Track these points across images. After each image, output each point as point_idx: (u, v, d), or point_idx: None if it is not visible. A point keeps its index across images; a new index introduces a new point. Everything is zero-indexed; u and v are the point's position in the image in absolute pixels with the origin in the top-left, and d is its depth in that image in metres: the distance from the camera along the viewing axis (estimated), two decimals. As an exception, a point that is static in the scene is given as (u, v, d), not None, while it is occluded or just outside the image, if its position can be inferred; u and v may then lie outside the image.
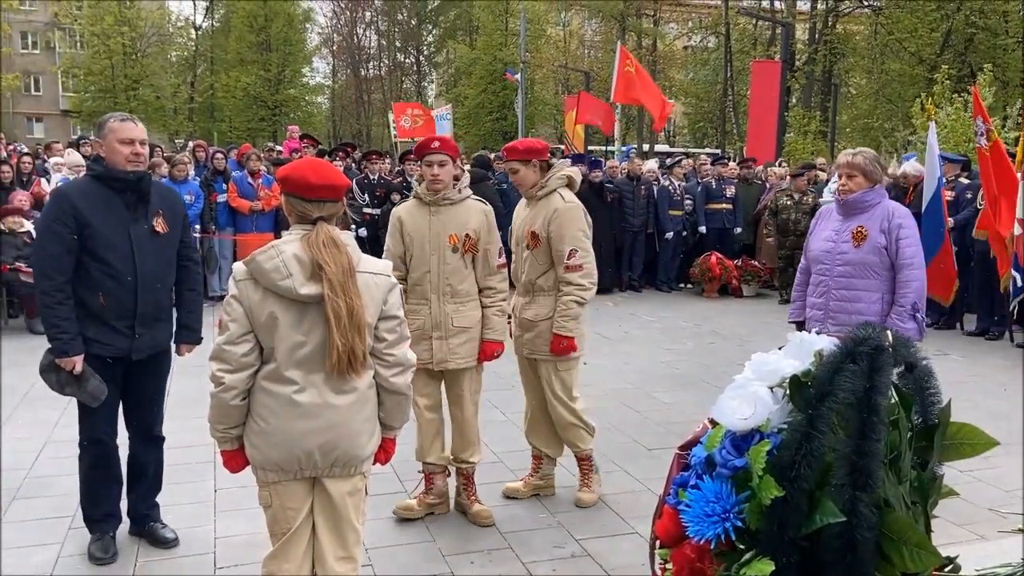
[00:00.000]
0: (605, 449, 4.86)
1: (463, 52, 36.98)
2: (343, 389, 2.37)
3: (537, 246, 3.97)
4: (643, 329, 8.53)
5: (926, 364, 1.69)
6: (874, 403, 1.41)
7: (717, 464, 1.49)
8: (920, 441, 1.71)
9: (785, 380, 1.52)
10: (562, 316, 3.88)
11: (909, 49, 27.29)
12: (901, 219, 3.81)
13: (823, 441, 1.41)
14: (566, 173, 4.02)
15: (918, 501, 1.66)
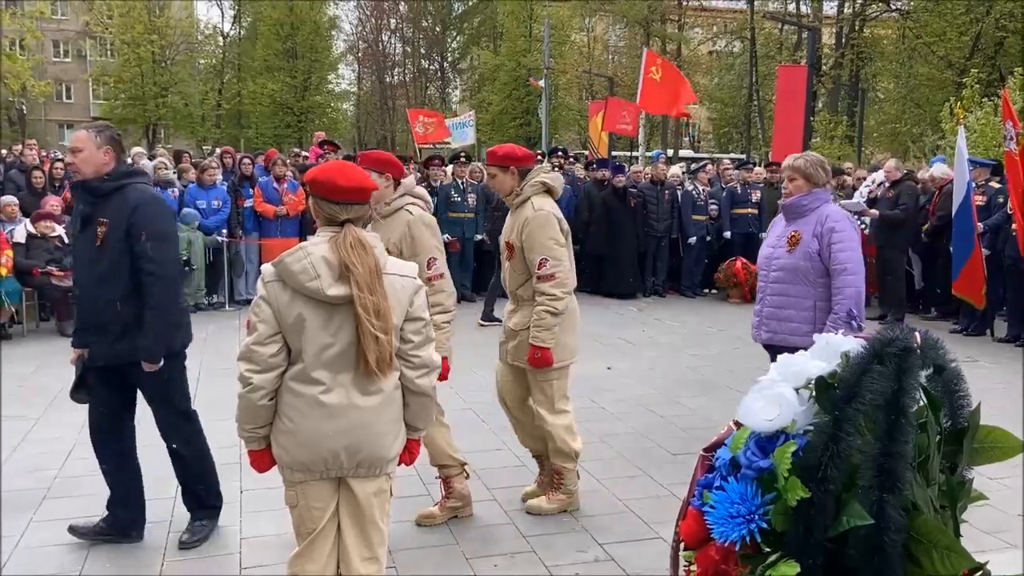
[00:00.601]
0: (629, 454, 4.86)
1: (487, 58, 37.11)
2: (369, 390, 2.39)
3: (513, 256, 3.92)
4: (668, 334, 8.50)
5: (955, 366, 1.67)
6: (902, 405, 1.40)
7: (742, 465, 1.48)
8: (949, 445, 1.69)
9: (811, 381, 1.51)
10: (535, 327, 3.79)
11: (938, 53, 26.95)
12: (834, 223, 3.70)
13: (850, 443, 1.40)
14: (541, 180, 3.90)
15: (947, 505, 1.64)
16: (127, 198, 3.36)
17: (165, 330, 3.43)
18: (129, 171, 3.50)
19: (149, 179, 3.70)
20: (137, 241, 3.33)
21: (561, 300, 3.80)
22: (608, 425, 5.41)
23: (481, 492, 4.21)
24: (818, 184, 3.79)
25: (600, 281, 10.81)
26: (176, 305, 3.53)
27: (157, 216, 3.42)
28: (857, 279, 3.70)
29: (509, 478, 4.41)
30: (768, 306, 3.91)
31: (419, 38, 46.33)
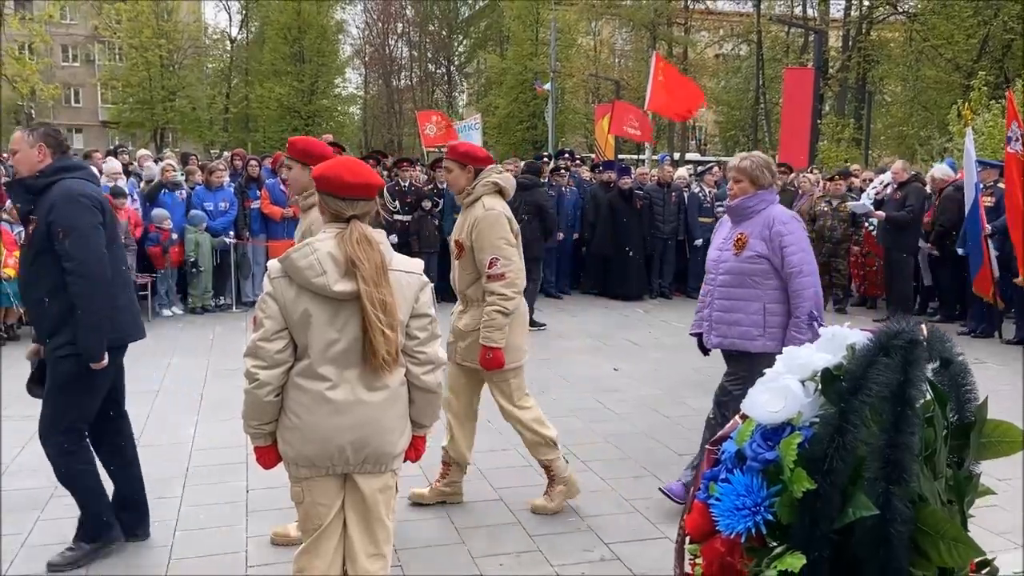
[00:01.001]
0: (635, 454, 4.85)
1: (493, 62, 37.15)
2: (375, 386, 2.39)
3: (462, 255, 3.86)
4: (673, 336, 8.48)
5: (962, 360, 1.67)
6: (908, 396, 1.40)
7: (747, 458, 1.48)
8: (956, 439, 1.68)
9: (817, 373, 1.51)
10: (486, 327, 3.74)
11: (945, 56, 26.88)
12: (782, 225, 3.63)
13: (856, 435, 1.39)
14: (493, 180, 3.84)
15: (954, 500, 1.63)
16: (51, 195, 3.28)
17: (92, 328, 3.26)
18: (62, 166, 3.34)
19: (89, 173, 3.53)
20: (56, 239, 3.23)
21: (512, 300, 3.76)
22: (614, 425, 5.41)
23: (487, 492, 4.21)
24: (763, 186, 3.73)
25: (606, 282, 10.81)
26: (105, 302, 3.31)
27: (73, 212, 3.24)
28: (812, 279, 3.65)
29: (515, 478, 4.41)
30: (716, 310, 3.85)
31: (426, 42, 46.44)
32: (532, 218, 8.38)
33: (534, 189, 8.60)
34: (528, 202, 8.37)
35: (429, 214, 9.88)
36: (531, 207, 8.38)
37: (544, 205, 8.50)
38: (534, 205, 8.39)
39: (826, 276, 9.91)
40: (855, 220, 9.68)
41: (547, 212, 8.51)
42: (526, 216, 8.38)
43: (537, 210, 8.43)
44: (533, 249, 8.48)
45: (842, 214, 9.64)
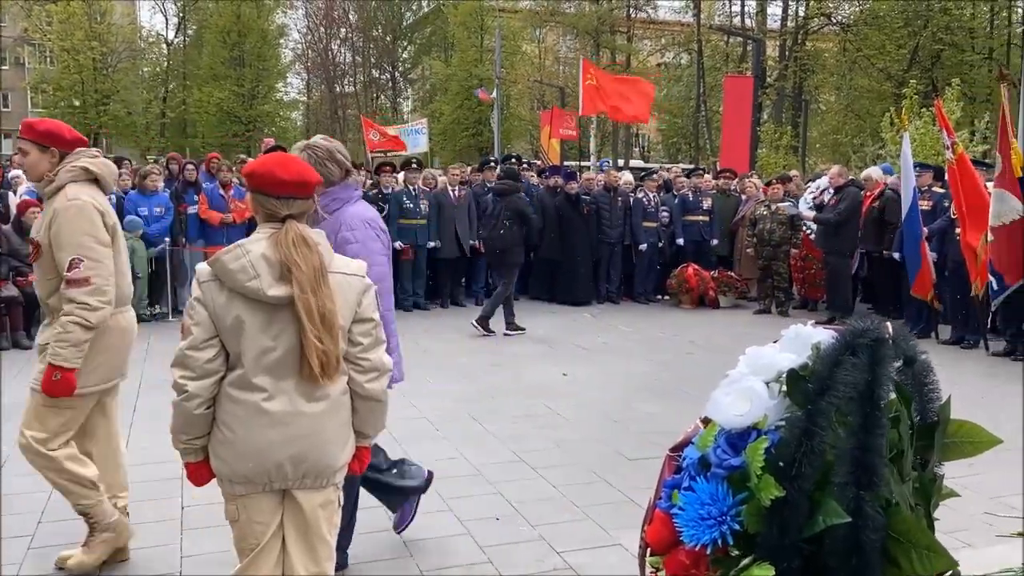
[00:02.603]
0: (586, 460, 4.77)
1: (438, 68, 37.01)
2: (315, 396, 2.25)
3: (39, 256, 3.15)
4: (622, 340, 8.47)
5: (925, 358, 1.62)
6: (876, 396, 1.34)
7: (712, 464, 1.40)
8: (920, 439, 1.63)
9: (782, 374, 1.44)
10: (58, 341, 3.01)
11: (877, 65, 27.77)
12: (349, 232, 3.02)
13: (824, 438, 1.33)
14: (81, 165, 3.16)
15: (920, 503, 1.58)
16: None
17: None
18: None
19: None
20: None
21: (96, 311, 3.05)
22: (564, 431, 5.33)
23: (436, 503, 4.08)
24: (333, 181, 3.03)
25: (554, 288, 10.77)
26: None
27: None
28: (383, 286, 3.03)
29: (465, 488, 4.29)
30: None
31: (369, 47, 46.01)
32: (512, 224, 8.33)
33: (512, 195, 8.53)
34: (508, 208, 8.36)
35: (374, 219, 9.68)
36: (511, 213, 8.35)
37: (524, 210, 8.44)
38: (514, 211, 8.36)
39: (767, 279, 10.09)
40: (794, 223, 9.85)
41: (528, 217, 8.44)
42: (507, 222, 8.36)
43: (518, 216, 8.38)
44: (513, 255, 8.53)
45: (781, 217, 9.80)
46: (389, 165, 10.68)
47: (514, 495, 4.18)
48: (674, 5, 36.48)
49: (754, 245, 10.10)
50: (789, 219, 9.84)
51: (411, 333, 8.59)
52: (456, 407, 5.82)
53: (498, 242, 8.50)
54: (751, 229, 10.19)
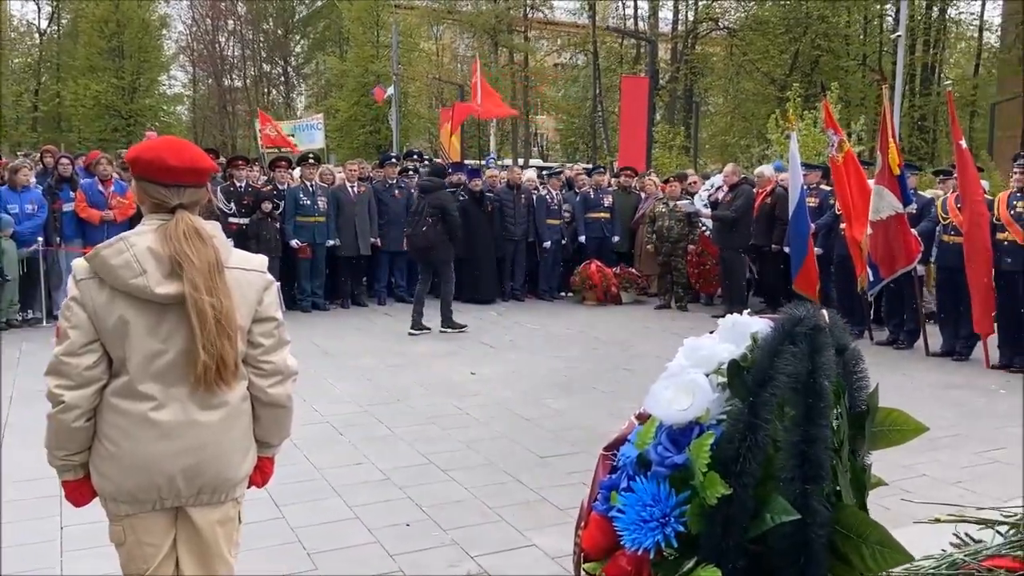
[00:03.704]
0: (497, 460, 4.68)
1: (333, 64, 36.18)
2: (211, 404, 2.06)
3: None
4: (528, 338, 8.44)
5: (855, 347, 1.60)
6: (819, 386, 1.29)
7: (652, 462, 1.32)
8: (851, 429, 1.61)
9: (722, 366, 1.38)
10: None
11: (761, 69, 28.98)
12: None
13: (768, 431, 1.27)
14: None
15: (855, 494, 1.56)
16: None
17: None
18: None
19: None
20: None
21: None
22: (474, 431, 5.22)
23: (342, 511, 3.89)
24: None
25: (458, 286, 10.61)
26: None
27: None
28: None
29: (371, 494, 4.12)
30: None
31: (260, 41, 44.49)
32: (436, 221, 8.28)
33: (437, 191, 8.45)
34: (432, 204, 8.30)
35: (269, 216, 9.30)
36: (435, 209, 8.28)
37: (447, 207, 8.35)
38: (438, 207, 8.29)
39: (667, 275, 10.30)
40: (691, 220, 10.09)
41: (450, 214, 8.36)
42: (430, 219, 8.28)
43: (441, 212, 8.31)
44: (440, 252, 8.42)
45: (678, 214, 10.02)
46: (284, 160, 10.28)
47: (424, 499, 4.04)
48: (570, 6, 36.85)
49: (654, 242, 10.28)
50: (687, 216, 10.07)
51: (311, 334, 8.29)
52: (361, 410, 5.61)
53: (420, 239, 8.47)
54: (650, 226, 10.37)
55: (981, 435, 5.22)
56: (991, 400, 6.12)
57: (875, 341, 8.20)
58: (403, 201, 10.26)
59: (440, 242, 8.36)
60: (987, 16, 29.83)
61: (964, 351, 7.43)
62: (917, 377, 6.85)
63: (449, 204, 8.45)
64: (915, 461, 4.60)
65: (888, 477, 4.27)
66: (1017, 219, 6.95)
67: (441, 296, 8.64)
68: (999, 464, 4.67)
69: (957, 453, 4.85)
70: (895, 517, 3.74)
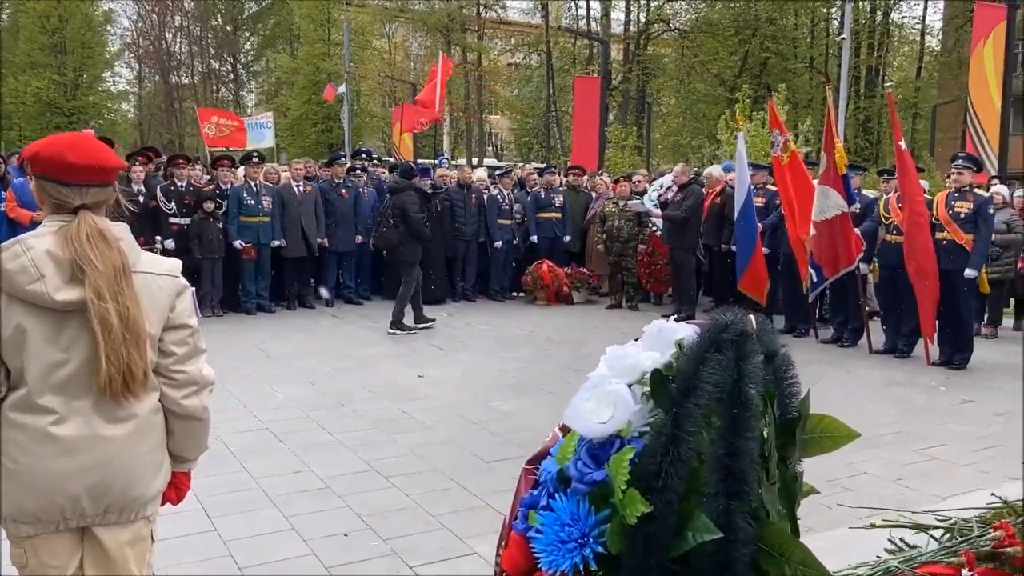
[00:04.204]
0: (442, 465, 4.59)
1: (283, 61, 35.62)
2: (118, 417, 1.93)
3: None
4: (478, 339, 8.35)
5: (785, 352, 1.55)
6: (744, 396, 1.23)
7: (572, 479, 1.25)
8: (781, 436, 1.56)
9: (646, 375, 1.31)
10: None
11: (712, 71, 29.35)
12: None
13: (691, 444, 1.20)
14: None
15: (784, 505, 1.51)
16: None
17: None
18: None
19: None
20: None
21: None
22: (419, 435, 5.11)
23: (278, 523, 3.76)
24: None
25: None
26: None
27: None
28: None
29: (309, 503, 3.99)
30: None
31: (208, 37, 43.61)
32: (399, 222, 8.47)
33: (401, 192, 8.58)
34: (395, 205, 8.50)
35: (211, 216, 9.05)
36: (397, 210, 8.47)
37: (407, 208, 8.44)
38: (399, 208, 8.46)
39: (618, 275, 10.32)
40: (641, 220, 10.12)
41: (410, 216, 8.45)
42: (392, 220, 8.50)
43: (402, 213, 8.44)
44: (405, 252, 8.56)
45: (628, 214, 10.04)
46: (227, 159, 10.02)
47: (364, 508, 3.93)
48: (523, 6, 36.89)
49: (604, 242, 10.29)
50: (637, 216, 10.09)
51: (254, 337, 8.10)
52: (302, 415, 5.46)
53: (382, 240, 8.72)
54: (601, 226, 10.37)
55: (922, 432, 5.29)
56: (931, 397, 6.22)
57: (820, 339, 8.31)
58: (350, 201, 10.10)
59: (404, 243, 8.50)
60: (928, 20, 30.67)
61: (906, 348, 7.55)
62: (860, 374, 6.94)
63: (410, 205, 8.50)
64: (857, 459, 4.64)
65: (830, 475, 4.35)
66: (955, 219, 7.10)
67: (399, 295, 8.61)
68: (939, 461, 4.73)
69: (898, 450, 4.90)
70: (837, 517, 3.77)
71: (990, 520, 1.94)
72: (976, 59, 13.41)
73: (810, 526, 3.59)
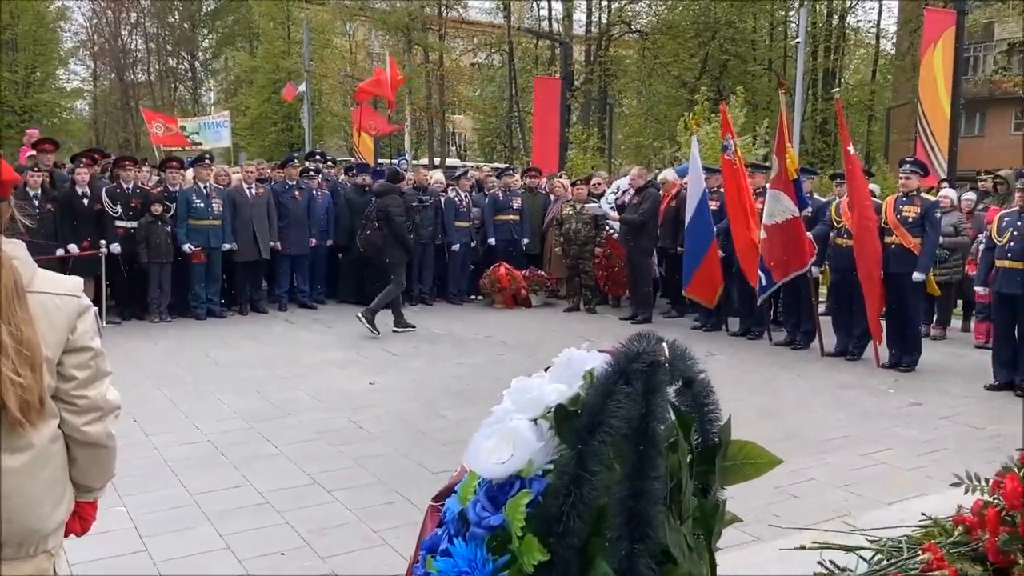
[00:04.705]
0: (387, 477, 4.49)
1: (243, 60, 35.08)
2: (15, 447, 1.81)
3: None
4: (432, 343, 8.26)
5: (704, 377, 1.50)
6: (651, 432, 1.17)
7: (471, 522, 1.18)
8: (701, 464, 1.51)
9: (550, 410, 1.25)
10: None
11: (672, 72, 29.56)
12: None
13: (595, 484, 1.14)
14: None
15: (701, 534, 1.46)
16: None
17: None
18: None
19: None
20: None
21: None
22: (365, 446, 5.01)
23: (212, 542, 3.63)
24: None
25: (364, 290, 10.36)
26: None
27: None
28: None
29: (247, 520, 3.87)
30: None
31: (165, 34, 42.78)
32: (382, 224, 8.54)
33: (387, 195, 8.62)
34: (379, 208, 8.58)
35: (160, 220, 8.82)
36: (381, 212, 8.55)
37: (391, 212, 8.49)
38: (383, 211, 8.53)
39: (575, 278, 10.29)
40: (598, 223, 10.11)
41: (393, 220, 8.50)
42: (376, 222, 8.59)
43: (385, 216, 8.50)
44: (389, 255, 8.64)
45: (585, 217, 10.02)
46: (176, 160, 9.79)
47: (304, 524, 3.82)
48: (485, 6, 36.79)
49: (561, 244, 10.26)
50: (594, 219, 10.08)
51: (203, 344, 7.91)
52: (246, 426, 5.32)
53: (366, 243, 8.77)
54: (558, 229, 10.34)
55: (869, 436, 5.33)
56: (880, 400, 6.28)
57: (774, 342, 8.36)
58: (304, 203, 9.93)
59: (388, 246, 8.59)
60: (883, 24, 31.26)
61: (856, 351, 7.63)
62: (811, 377, 7.00)
63: (394, 209, 8.56)
64: (804, 465, 4.65)
65: (777, 482, 4.34)
66: (903, 223, 7.18)
67: (384, 293, 8.65)
68: (885, 466, 4.76)
69: (846, 455, 4.93)
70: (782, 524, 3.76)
71: (920, 540, 1.91)
72: (926, 63, 13.66)
73: (757, 535, 3.60)
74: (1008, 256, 6.46)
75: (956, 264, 8.64)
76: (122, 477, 4.41)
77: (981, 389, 6.56)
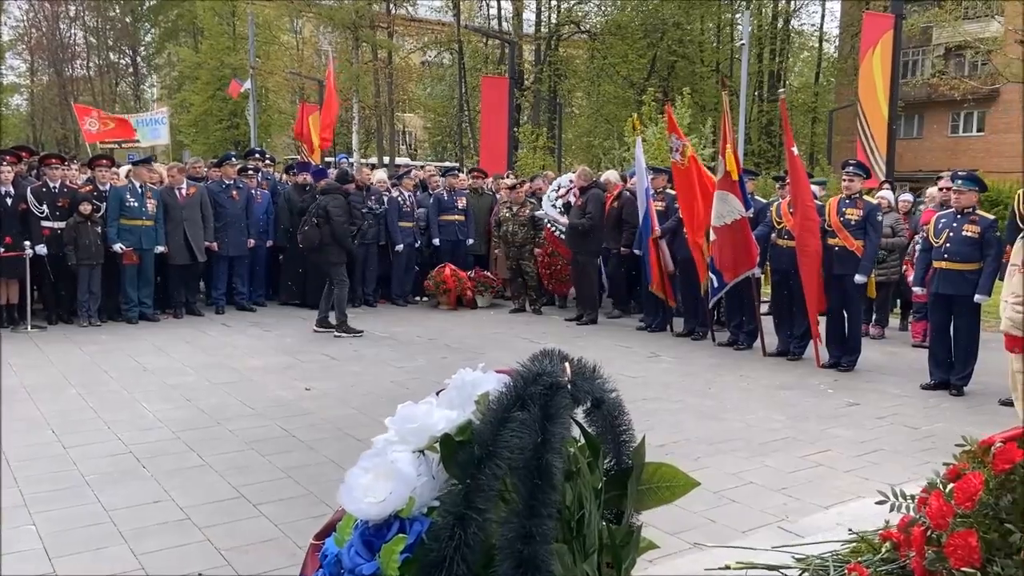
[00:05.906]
0: (318, 490, 4.31)
1: (186, 55, 34.22)
2: None
3: None
4: (374, 346, 8.07)
5: (616, 397, 1.40)
6: (545, 464, 1.06)
7: (345, 569, 1.06)
8: (612, 489, 1.41)
9: (437, 440, 1.13)
10: None
11: (621, 73, 29.75)
12: None
13: (483, 524, 1.03)
14: None
15: (612, 563, 1.36)
16: None
17: None
18: None
19: None
20: None
21: None
22: (297, 456, 4.82)
23: (125, 561, 3.42)
24: None
25: (305, 292, 10.13)
26: None
27: None
28: None
29: (165, 538, 3.66)
30: None
31: (106, 28, 41.53)
32: (321, 223, 8.44)
33: (330, 194, 8.57)
34: (319, 206, 8.49)
35: (89, 220, 8.47)
36: (320, 210, 8.46)
37: (330, 211, 8.42)
38: (322, 209, 8.46)
39: (518, 279, 10.21)
40: (535, 223, 10.06)
41: (333, 219, 8.41)
42: (315, 220, 8.47)
43: (324, 215, 8.43)
44: (327, 254, 8.53)
45: (521, 219, 9.96)
46: (106, 158, 9.42)
47: (226, 541, 3.63)
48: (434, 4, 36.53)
49: (501, 246, 10.17)
50: (530, 220, 10.02)
51: (133, 349, 7.61)
52: (172, 436, 5.09)
53: (303, 240, 8.66)
54: (497, 231, 10.26)
55: (808, 437, 5.34)
56: (819, 400, 6.31)
57: (717, 342, 8.39)
58: (242, 203, 9.65)
59: (326, 244, 8.49)
60: (826, 28, 31.94)
61: (797, 351, 7.69)
62: (753, 378, 7.01)
63: (333, 208, 8.47)
64: (743, 468, 4.63)
65: (716, 486, 4.29)
66: (846, 225, 7.24)
67: (335, 299, 8.57)
68: (823, 468, 4.76)
69: (784, 457, 4.91)
70: (719, 530, 3.72)
71: (846, 558, 1.85)
72: (865, 67, 13.91)
73: (697, 540, 3.54)
74: (945, 257, 6.55)
75: (894, 264, 8.78)
76: (34, 492, 4.18)
77: (917, 388, 6.65)
